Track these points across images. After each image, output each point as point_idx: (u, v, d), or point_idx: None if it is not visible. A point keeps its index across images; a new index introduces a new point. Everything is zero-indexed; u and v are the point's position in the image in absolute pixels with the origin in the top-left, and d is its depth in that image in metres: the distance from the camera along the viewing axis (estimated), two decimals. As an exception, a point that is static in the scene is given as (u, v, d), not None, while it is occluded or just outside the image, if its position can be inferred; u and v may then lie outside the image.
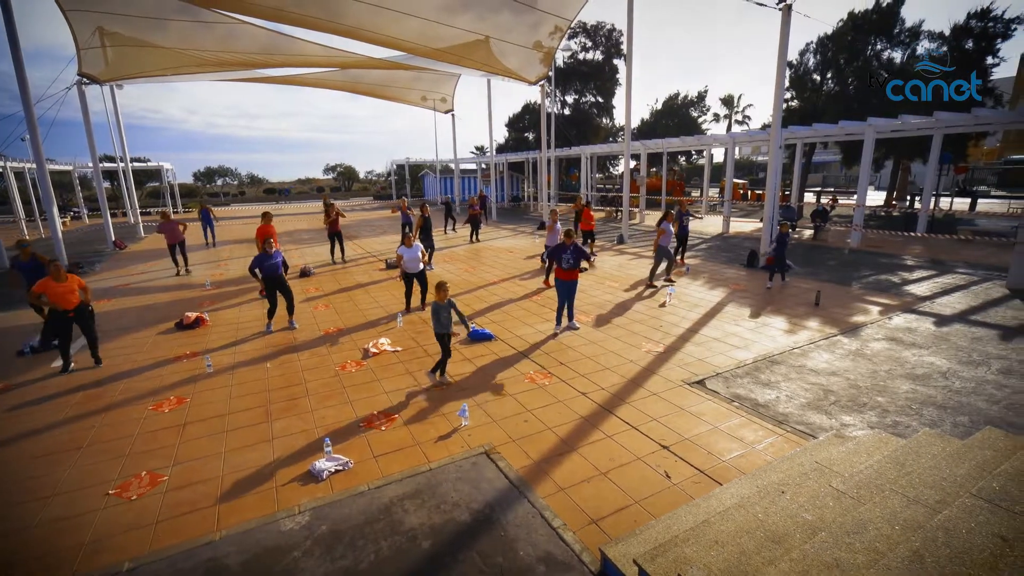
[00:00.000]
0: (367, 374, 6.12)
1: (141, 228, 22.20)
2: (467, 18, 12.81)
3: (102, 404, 5.49)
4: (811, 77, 24.92)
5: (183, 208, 37.36)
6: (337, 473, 4.07)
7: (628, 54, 15.07)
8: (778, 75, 10.98)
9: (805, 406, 5.05)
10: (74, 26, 13.28)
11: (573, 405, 5.19)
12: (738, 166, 48.30)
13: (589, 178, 27.59)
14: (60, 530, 3.52)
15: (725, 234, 18.05)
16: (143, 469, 4.22)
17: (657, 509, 3.56)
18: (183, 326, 8.08)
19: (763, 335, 7.18)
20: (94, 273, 13.37)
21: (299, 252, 15.65)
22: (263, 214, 10.25)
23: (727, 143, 20.59)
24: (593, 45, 36.88)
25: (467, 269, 12.52)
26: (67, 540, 3.42)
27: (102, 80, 16.91)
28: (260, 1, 10.09)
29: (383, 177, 62.62)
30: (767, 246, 11.94)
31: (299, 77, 18.36)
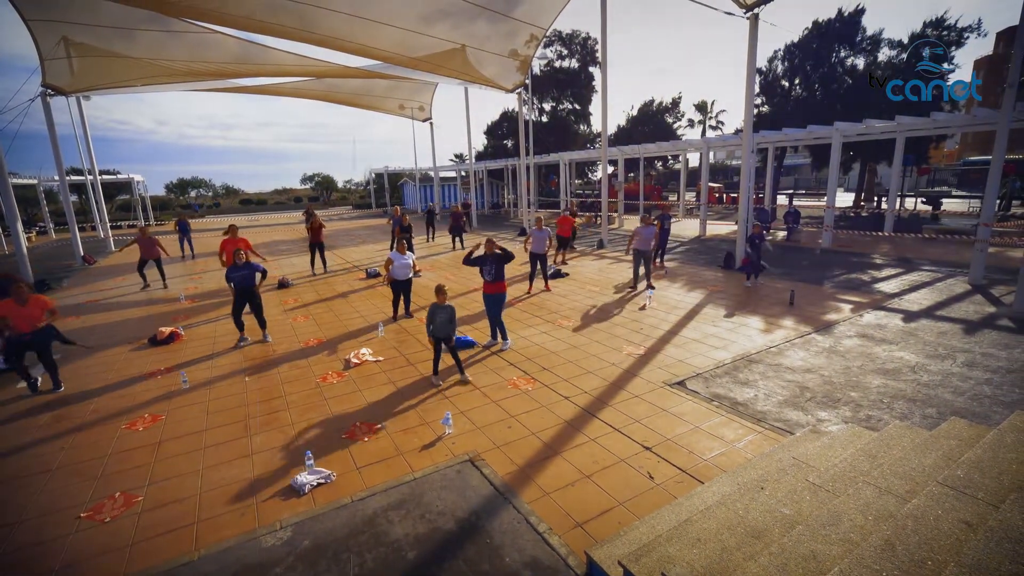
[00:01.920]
0: (349, 385, 6.05)
1: (111, 242, 21.57)
2: (443, 27, 12.87)
3: (72, 424, 5.31)
4: (780, 83, 25.70)
5: (155, 221, 36.42)
6: (319, 486, 4.01)
7: (603, 62, 15.34)
8: (748, 82, 11.30)
9: (782, 403, 5.18)
10: (37, 36, 12.92)
11: (556, 409, 5.21)
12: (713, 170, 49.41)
13: (568, 184, 27.84)
14: (29, 557, 3.39)
15: (702, 237, 18.41)
16: (117, 490, 4.09)
17: (641, 510, 3.60)
18: (157, 341, 7.87)
19: (740, 335, 7.33)
20: (62, 289, 12.94)
21: (277, 263, 15.40)
22: (228, 227, 10.10)
23: (701, 148, 21.05)
24: (569, 53, 37.38)
25: (450, 276, 12.49)
26: (37, 567, 3.29)
27: (68, 91, 16.46)
28: (231, 10, 9.97)
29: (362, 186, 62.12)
30: (743, 248, 12.23)
31: (273, 86, 18.16)
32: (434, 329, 5.73)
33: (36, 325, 5.96)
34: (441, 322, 5.69)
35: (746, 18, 10.87)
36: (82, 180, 26.44)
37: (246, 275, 7.36)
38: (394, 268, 8.23)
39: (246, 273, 7.36)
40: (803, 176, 54.07)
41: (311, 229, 13.28)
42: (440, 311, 5.68)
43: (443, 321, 5.69)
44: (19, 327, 5.89)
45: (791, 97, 25.20)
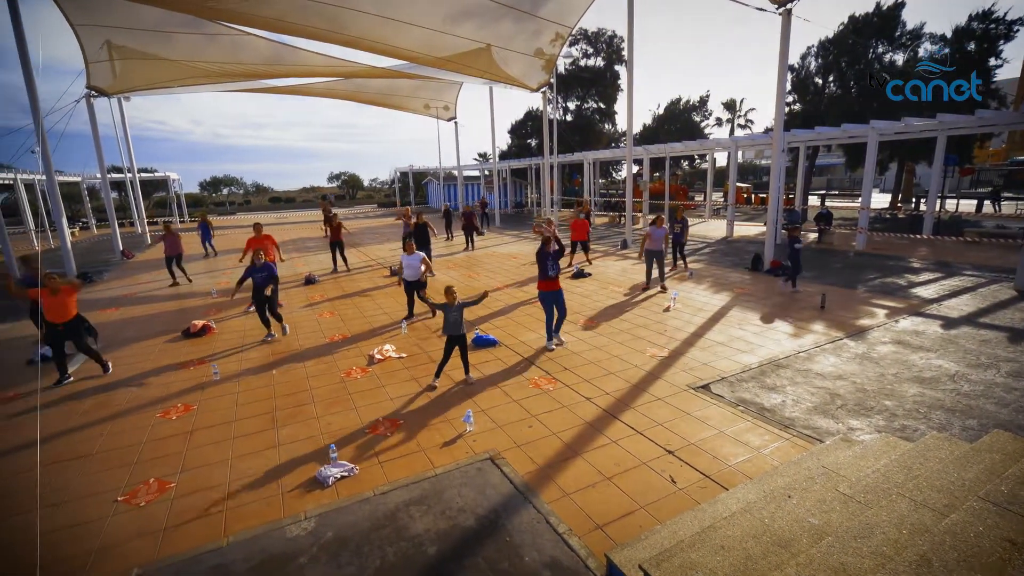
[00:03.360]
0: (372, 380, 6.14)
1: (148, 237, 22.43)
2: (469, 27, 12.92)
3: (110, 412, 5.53)
4: (813, 80, 24.93)
5: (189, 217, 37.66)
6: (343, 479, 4.09)
7: (629, 60, 15.16)
8: (780, 79, 11.02)
9: (811, 410, 5.03)
10: (83, 40, 13.51)
11: (578, 410, 5.18)
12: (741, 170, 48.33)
13: (592, 184, 27.64)
14: (69, 537, 3.55)
15: (728, 238, 18.03)
16: (151, 476, 4.25)
17: (663, 514, 3.55)
18: (190, 334, 8.14)
19: (768, 339, 7.15)
20: (102, 282, 13.51)
21: (303, 260, 15.75)
22: (253, 226, 10.36)
23: (730, 147, 20.62)
24: (594, 52, 37.06)
25: (469, 275, 12.55)
26: (76, 547, 3.44)
27: (110, 93, 17.17)
28: (264, 13, 10.23)
29: (387, 185, 62.99)
30: (771, 249, 11.93)
31: (303, 87, 18.55)
32: (446, 328, 5.76)
33: (68, 315, 6.21)
34: (452, 322, 5.71)
35: (778, 14, 10.59)
36: (122, 178, 27.56)
37: (264, 276, 7.59)
38: (404, 268, 8.28)
39: (264, 275, 7.59)
40: (836, 176, 52.43)
41: (331, 228, 13.47)
42: (450, 312, 5.70)
43: (454, 321, 5.71)
44: (52, 318, 6.14)
45: (825, 95, 24.42)
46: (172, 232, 12.62)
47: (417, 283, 8.36)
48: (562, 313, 7.08)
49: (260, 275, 7.57)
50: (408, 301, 8.68)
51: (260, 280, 7.58)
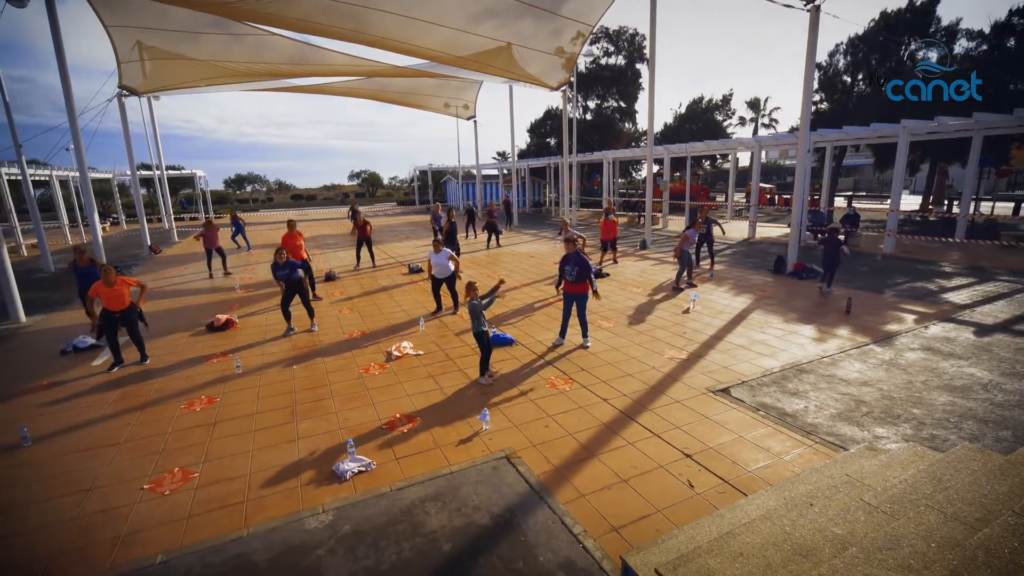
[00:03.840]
0: (390, 377, 6.20)
1: (175, 233, 23.02)
2: (490, 26, 12.93)
3: (138, 402, 5.70)
4: (841, 79, 24.32)
5: (214, 213, 38.55)
6: (360, 474, 4.14)
7: (651, 58, 15.00)
8: (806, 77, 10.76)
9: (835, 417, 4.91)
10: (115, 41, 13.92)
11: (594, 411, 5.15)
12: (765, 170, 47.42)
13: (611, 183, 27.44)
14: (97, 523, 3.67)
15: (751, 239, 17.71)
16: (176, 465, 4.37)
17: (679, 518, 3.51)
18: (214, 328, 8.33)
19: (791, 343, 7.00)
20: (132, 276, 13.90)
21: (324, 256, 15.98)
22: (287, 223, 10.56)
23: (753, 147, 20.24)
24: (615, 50, 36.77)
25: (489, 274, 12.58)
26: (104, 532, 3.56)
27: (140, 92, 17.66)
28: (289, 13, 10.39)
29: (406, 183, 63.51)
30: (796, 251, 11.67)
31: (326, 86, 18.82)
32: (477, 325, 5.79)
33: (123, 304, 6.54)
34: (472, 318, 5.76)
35: (806, 10, 10.34)
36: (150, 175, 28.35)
37: (287, 273, 7.77)
38: (433, 266, 8.59)
39: (286, 272, 7.77)
40: (864, 177, 51.04)
41: (357, 226, 13.69)
42: (474, 307, 5.75)
43: (473, 317, 5.75)
44: (109, 306, 6.49)
45: (853, 93, 23.79)
46: (213, 226, 13.07)
47: (448, 279, 8.59)
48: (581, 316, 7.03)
49: (282, 272, 7.75)
50: (435, 296, 8.87)
51: (282, 276, 7.76)
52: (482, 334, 5.76)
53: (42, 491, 4.07)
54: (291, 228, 10.19)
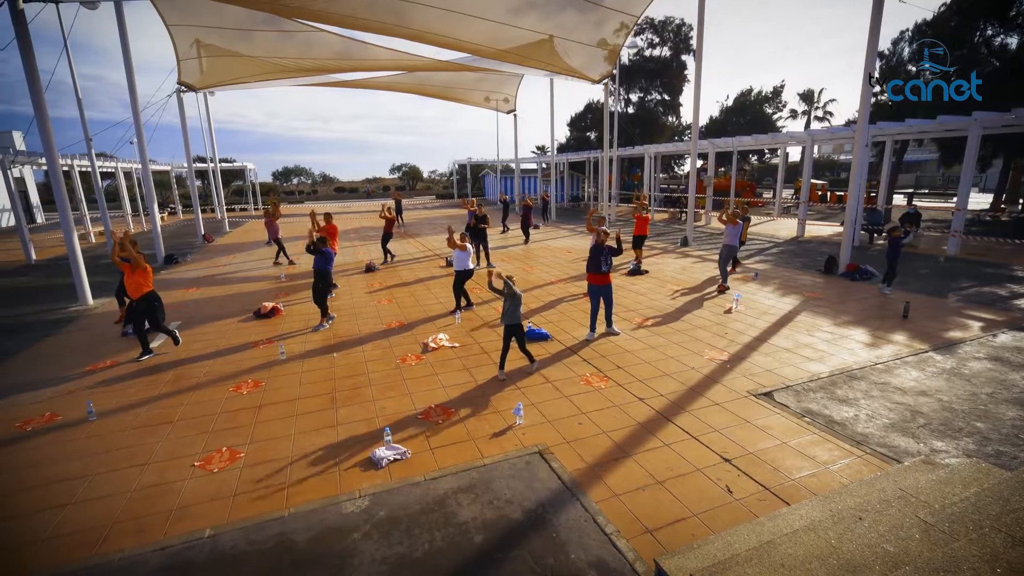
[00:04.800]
0: (426, 368, 6.29)
1: (227, 223, 24.14)
2: (532, 18, 12.82)
3: (190, 383, 6.03)
4: (905, 68, 22.78)
5: (262, 205, 40.15)
6: (395, 462, 4.22)
7: (698, 49, 14.50)
8: (866, 67, 10.13)
9: (888, 427, 4.63)
10: (175, 39, 14.65)
11: (630, 410, 5.06)
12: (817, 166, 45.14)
13: (652, 178, 26.82)
14: (153, 495, 3.90)
15: (799, 238, 16.93)
16: (224, 445, 4.59)
17: (717, 524, 3.40)
18: (260, 315, 8.70)
19: (841, 347, 6.65)
20: (186, 263, 14.71)
21: (365, 248, 16.37)
22: (325, 215, 10.88)
23: (805, 141, 19.29)
24: (660, 41, 35.83)
25: (524, 268, 12.56)
26: (159, 505, 3.78)
27: (197, 88, 18.55)
28: (336, 10, 10.64)
29: (445, 177, 64.20)
30: (849, 251, 11.07)
31: (369, 80, 19.21)
32: (502, 315, 5.81)
33: (141, 292, 6.74)
34: (506, 311, 5.75)
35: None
36: (205, 167, 29.81)
37: (316, 259, 8.02)
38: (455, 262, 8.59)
39: (317, 259, 8.02)
40: (927, 174, 47.82)
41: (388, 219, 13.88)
42: (507, 299, 5.74)
43: (509, 309, 5.74)
44: (129, 292, 6.78)
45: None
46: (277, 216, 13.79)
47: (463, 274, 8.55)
48: (608, 305, 7.20)
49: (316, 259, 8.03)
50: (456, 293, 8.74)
51: (315, 263, 8.05)
52: (515, 327, 5.77)
53: (105, 463, 4.37)
54: (327, 220, 10.54)
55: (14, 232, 17.40)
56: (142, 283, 6.73)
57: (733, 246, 9.78)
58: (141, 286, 6.72)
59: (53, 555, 3.31)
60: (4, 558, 3.29)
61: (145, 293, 6.76)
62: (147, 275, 6.81)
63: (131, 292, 6.77)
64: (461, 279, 8.60)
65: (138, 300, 6.77)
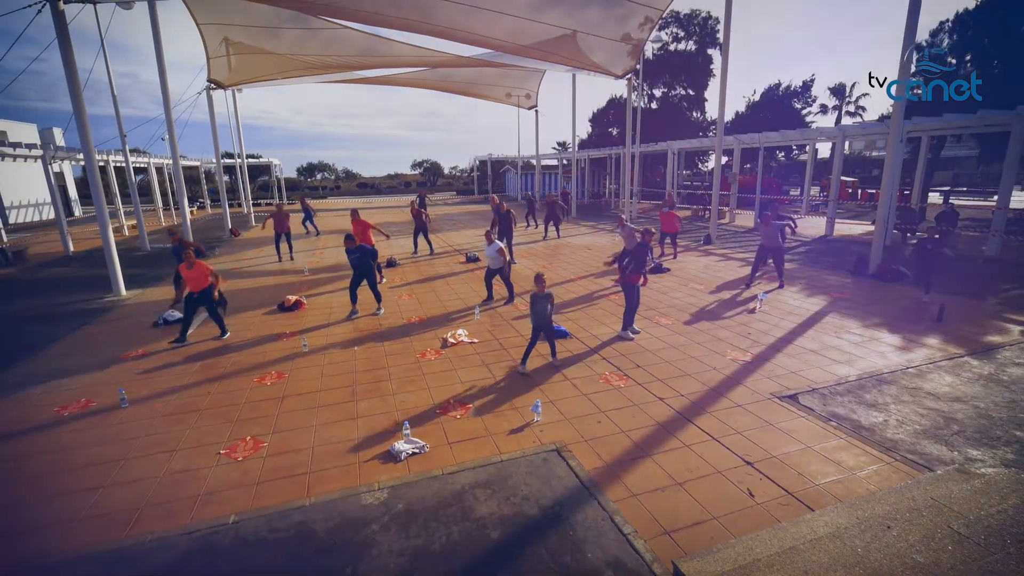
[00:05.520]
0: (445, 363, 6.33)
1: (253, 218, 24.68)
2: (555, 14, 12.71)
3: (216, 373, 6.19)
4: (945, 60, 21.87)
5: (287, 199, 40.94)
6: (414, 455, 4.27)
7: (725, 43, 14.18)
8: (902, 60, 9.74)
9: (920, 433, 4.47)
10: (206, 37, 15.00)
11: (649, 410, 5.01)
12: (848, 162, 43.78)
13: (675, 175, 26.39)
14: (181, 481, 4.03)
15: (828, 237, 16.46)
16: (248, 434, 4.70)
17: (737, 528, 3.34)
18: (284, 308, 8.87)
19: (870, 350, 6.45)
20: (213, 257, 15.09)
21: (387, 243, 16.54)
22: (351, 212, 11.01)
23: (835, 137, 18.71)
24: (686, 35, 35.16)
25: (545, 265, 12.52)
26: (186, 490, 3.90)
27: (226, 85, 18.96)
28: (361, 6, 10.74)
29: (466, 173, 64.38)
30: (880, 251, 10.71)
31: (392, 77, 19.33)
32: (533, 315, 5.79)
33: (201, 286, 7.08)
34: (540, 310, 5.73)
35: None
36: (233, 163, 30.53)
37: (358, 257, 8.16)
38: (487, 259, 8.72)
39: (356, 256, 8.15)
40: (965, 171, 45.89)
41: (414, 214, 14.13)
42: (539, 299, 5.72)
43: (542, 310, 5.72)
44: (188, 287, 7.09)
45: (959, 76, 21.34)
46: (283, 211, 13.86)
47: (500, 269, 8.65)
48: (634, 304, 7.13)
49: (353, 256, 8.15)
50: (487, 286, 9.03)
51: (353, 261, 8.17)
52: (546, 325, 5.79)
53: (136, 448, 4.53)
54: (354, 216, 10.67)
55: (54, 225, 18.11)
56: (200, 277, 7.06)
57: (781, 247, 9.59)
58: (200, 280, 7.05)
59: (89, 534, 3.45)
60: (45, 534, 3.44)
61: (204, 287, 7.10)
62: (204, 270, 7.13)
63: (191, 286, 7.11)
64: (491, 275, 8.86)
65: (198, 293, 7.11)
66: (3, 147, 16.80)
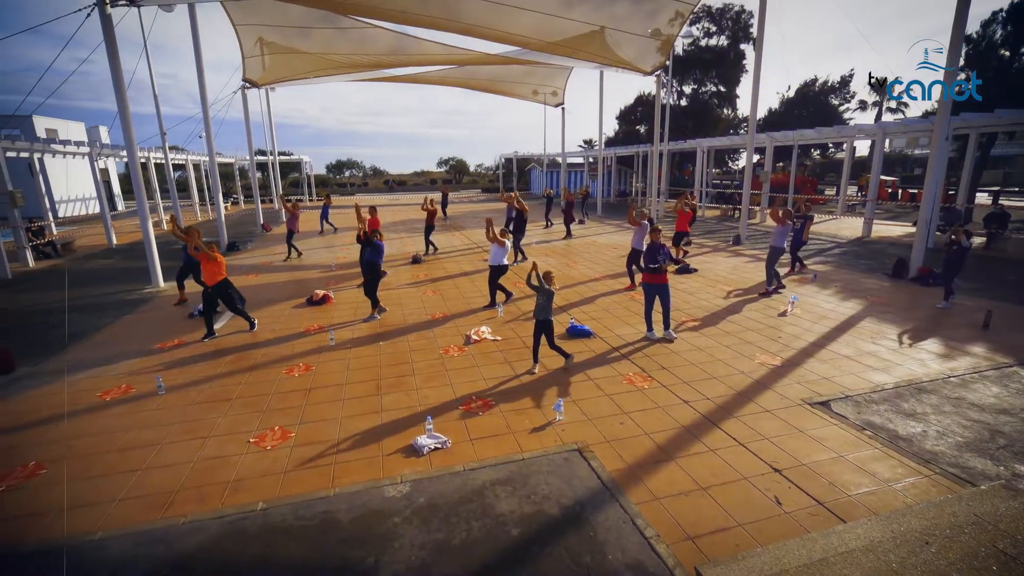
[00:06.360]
0: (468, 360, 6.37)
1: (283, 214, 25.29)
2: (583, 9, 12.59)
3: (247, 364, 6.38)
4: (998, 52, 20.71)
5: (316, 196, 41.79)
6: (436, 450, 4.30)
7: (759, 37, 13.78)
8: (951, 52, 9.28)
9: (962, 446, 4.27)
10: (241, 38, 15.43)
11: (674, 412, 4.92)
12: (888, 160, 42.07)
13: (705, 173, 25.85)
14: (213, 467, 4.17)
15: (865, 238, 15.85)
16: (277, 424, 4.83)
17: (764, 537, 3.25)
18: (312, 302, 9.07)
19: (909, 357, 6.19)
20: (246, 251, 15.55)
21: (412, 240, 16.73)
22: (370, 208, 11.12)
23: (875, 134, 17.99)
24: (718, 30, 34.32)
25: (567, 264, 12.44)
26: (217, 476, 4.03)
27: (260, 84, 19.47)
28: (390, 5, 10.86)
29: (491, 171, 64.53)
30: (921, 253, 10.26)
31: (420, 75, 19.51)
32: (535, 310, 5.79)
33: (215, 280, 7.16)
34: (541, 304, 5.73)
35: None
36: (265, 160, 31.35)
37: (368, 255, 8.02)
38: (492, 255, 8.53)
39: (368, 252, 8.00)
40: (1017, 170, 43.49)
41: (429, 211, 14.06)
42: (541, 293, 5.71)
43: (542, 303, 5.72)
44: (205, 280, 7.22)
45: (1012, 69, 20.18)
46: (296, 210, 14.09)
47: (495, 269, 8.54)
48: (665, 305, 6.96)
49: (365, 252, 8.06)
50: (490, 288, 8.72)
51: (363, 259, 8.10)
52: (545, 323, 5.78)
53: (171, 434, 4.70)
54: (371, 213, 10.76)
55: (99, 218, 18.97)
56: (215, 272, 7.17)
57: (779, 248, 9.16)
58: (215, 275, 7.17)
59: (128, 515, 3.60)
60: (88, 512, 3.61)
61: (219, 281, 7.20)
62: (219, 265, 7.23)
63: (206, 280, 7.23)
64: (495, 274, 8.61)
65: (212, 287, 7.21)
66: (54, 145, 17.67)
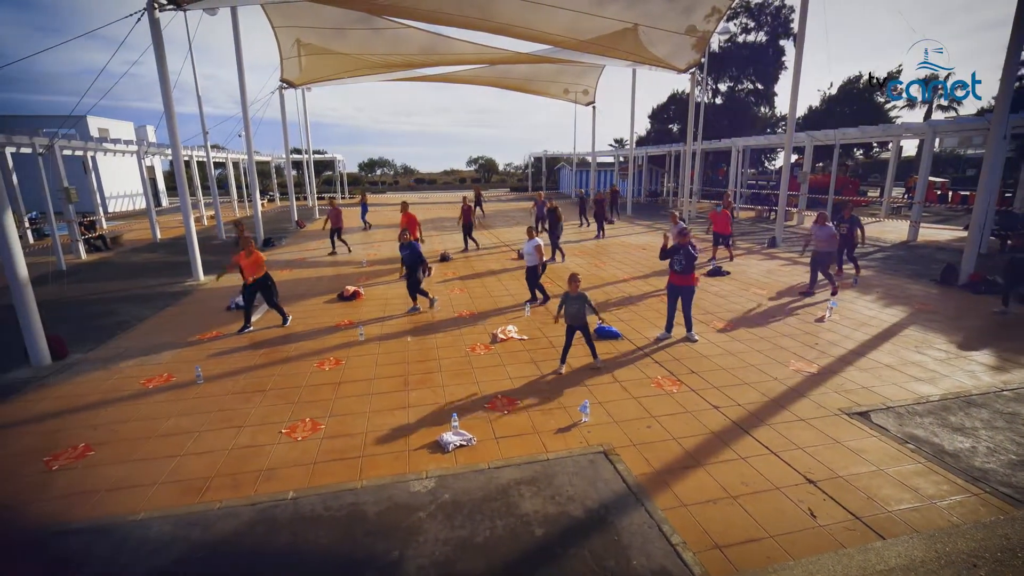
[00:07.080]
0: (494, 358, 6.39)
1: (317, 211, 25.96)
2: (616, 7, 12.42)
3: (280, 357, 6.57)
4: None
5: (349, 194, 42.71)
6: (461, 447, 4.33)
7: (800, 33, 13.31)
8: (1011, 44, 8.74)
9: (1016, 464, 4.02)
10: (280, 39, 15.90)
11: (703, 418, 4.81)
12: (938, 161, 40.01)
13: (739, 173, 25.17)
14: (246, 455, 4.31)
15: (911, 242, 15.12)
16: (307, 416, 4.96)
17: (796, 550, 3.15)
18: (343, 298, 9.27)
19: (957, 368, 5.87)
20: (281, 247, 16.02)
21: (440, 239, 16.90)
22: (401, 204, 11.26)
23: (924, 133, 17.12)
24: (756, 26, 33.39)
25: (596, 264, 12.33)
26: (250, 464, 4.17)
27: (296, 85, 20.03)
28: (424, 6, 10.98)
29: (521, 170, 64.54)
30: (974, 259, 9.71)
31: (452, 75, 19.68)
32: (567, 316, 5.73)
33: (255, 275, 7.40)
34: (574, 312, 5.65)
35: (1019, -38, 8.36)
36: (300, 158, 32.27)
37: (407, 254, 8.20)
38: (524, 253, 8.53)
39: (407, 252, 8.20)
40: (1081, 171, 40.62)
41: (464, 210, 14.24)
42: (572, 300, 5.63)
43: (575, 311, 5.64)
44: (244, 275, 7.44)
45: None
46: (336, 207, 14.43)
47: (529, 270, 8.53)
48: (687, 307, 6.85)
49: (404, 252, 8.26)
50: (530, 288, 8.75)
51: (404, 258, 8.27)
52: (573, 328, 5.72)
53: (209, 422, 4.89)
54: (403, 209, 10.94)
55: (145, 214, 19.88)
56: (256, 267, 7.42)
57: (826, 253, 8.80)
58: (255, 270, 7.41)
59: (167, 498, 3.77)
60: (130, 494, 3.80)
61: (259, 276, 7.44)
62: (259, 260, 7.49)
63: (246, 275, 7.46)
64: (530, 274, 8.66)
65: (254, 281, 7.45)
66: (106, 144, 18.62)
